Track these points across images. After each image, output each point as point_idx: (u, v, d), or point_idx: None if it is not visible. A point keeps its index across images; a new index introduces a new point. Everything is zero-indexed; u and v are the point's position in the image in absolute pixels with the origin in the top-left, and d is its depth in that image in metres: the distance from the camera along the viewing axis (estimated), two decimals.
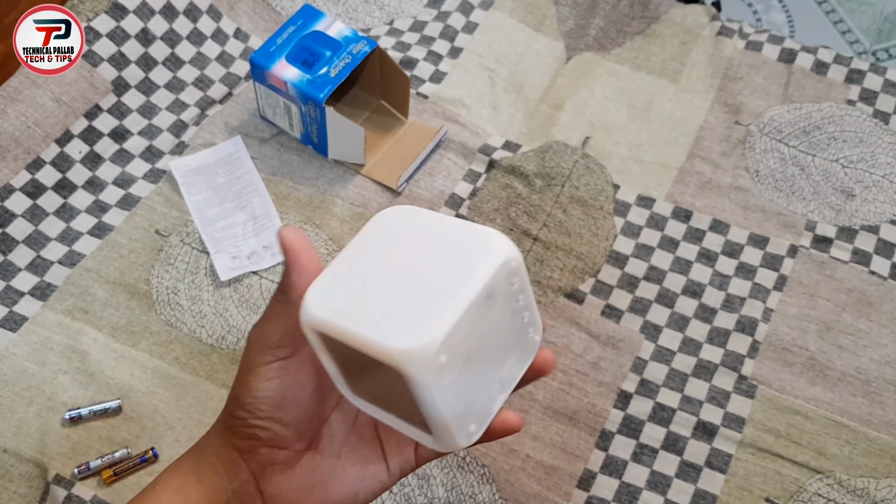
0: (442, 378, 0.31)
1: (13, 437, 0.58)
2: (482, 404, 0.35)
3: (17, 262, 0.66)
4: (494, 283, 0.32)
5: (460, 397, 0.33)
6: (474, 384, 0.34)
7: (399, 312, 0.31)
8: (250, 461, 0.37)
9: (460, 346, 0.32)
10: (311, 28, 0.71)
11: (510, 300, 0.34)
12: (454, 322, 0.31)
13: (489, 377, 0.35)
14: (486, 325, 0.33)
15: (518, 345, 0.36)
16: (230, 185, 0.71)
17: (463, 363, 0.32)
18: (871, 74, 0.80)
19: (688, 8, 0.85)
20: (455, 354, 0.31)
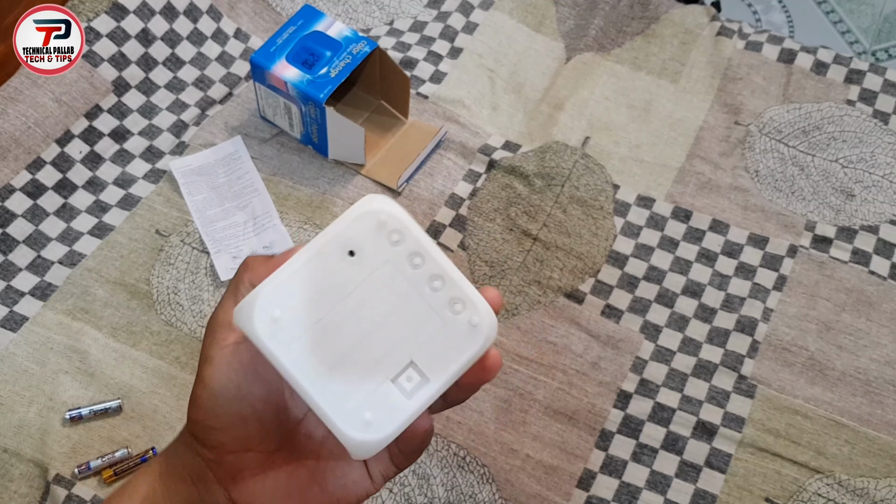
0: (282, 338, 0.29)
1: (14, 437, 0.58)
2: (387, 395, 0.31)
3: (17, 262, 0.66)
4: (350, 236, 0.30)
5: (331, 374, 0.30)
6: (358, 364, 0.31)
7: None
8: (217, 470, 0.34)
9: (308, 307, 0.30)
10: (311, 28, 0.71)
11: (401, 266, 0.31)
12: (285, 275, 0.29)
13: (390, 361, 0.31)
14: (360, 291, 0.31)
15: (443, 328, 0.31)
16: (230, 185, 0.71)
17: (322, 331, 0.30)
18: (870, 74, 0.80)
19: (687, 8, 0.85)
20: (300, 315, 0.30)
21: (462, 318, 0.32)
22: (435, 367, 0.31)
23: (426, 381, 0.31)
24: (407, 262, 0.31)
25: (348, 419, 0.30)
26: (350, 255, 0.31)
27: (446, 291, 0.31)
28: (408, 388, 0.31)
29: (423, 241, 0.31)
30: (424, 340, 0.31)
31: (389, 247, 0.31)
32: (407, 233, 0.31)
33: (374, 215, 0.30)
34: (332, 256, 0.30)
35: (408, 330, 0.31)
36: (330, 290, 0.30)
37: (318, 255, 0.30)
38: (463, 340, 0.32)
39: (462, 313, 0.32)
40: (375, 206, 0.31)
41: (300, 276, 0.30)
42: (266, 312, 0.30)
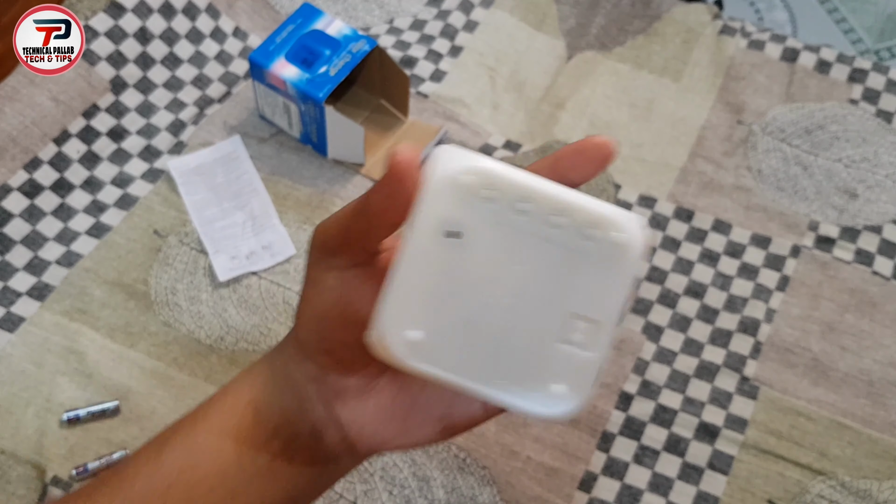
0: (431, 355, 0.27)
1: (10, 439, 0.58)
2: (564, 358, 0.28)
3: (14, 263, 0.66)
4: (441, 218, 0.27)
5: (498, 365, 0.28)
6: (519, 342, 0.28)
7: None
8: (319, 387, 0.33)
9: (438, 310, 0.27)
10: (310, 27, 0.70)
11: (511, 220, 0.27)
12: (397, 292, 0.27)
13: (549, 324, 0.28)
14: (482, 269, 0.27)
15: (585, 262, 0.28)
16: (229, 185, 0.71)
17: (465, 327, 0.27)
18: (873, 73, 0.79)
19: (690, 7, 0.85)
20: (434, 323, 0.27)
21: (601, 241, 0.28)
22: (597, 304, 0.28)
23: (596, 323, 0.28)
24: (515, 214, 0.27)
25: (542, 402, 0.28)
26: (453, 237, 0.27)
27: (572, 222, 0.27)
28: (581, 340, 0.28)
29: (519, 181, 0.27)
30: (573, 285, 0.28)
31: (488, 206, 0.27)
32: (498, 181, 0.27)
33: (452, 182, 0.26)
34: (433, 248, 0.27)
35: (550, 283, 0.28)
36: (451, 283, 0.27)
37: (419, 254, 0.27)
38: (613, 263, 0.28)
39: (599, 237, 0.28)
40: (449, 170, 0.27)
41: (412, 284, 0.27)
42: (400, 339, 0.27)
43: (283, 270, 0.66)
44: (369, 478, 0.58)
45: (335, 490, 0.57)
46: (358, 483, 0.58)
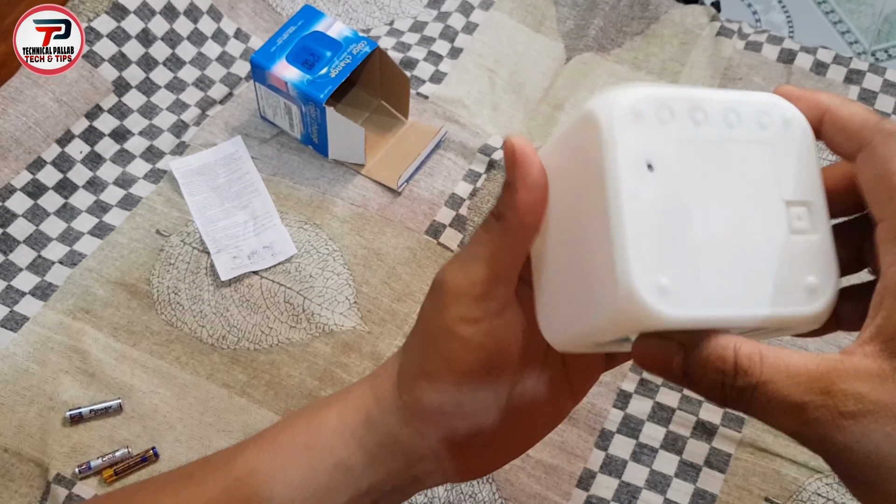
0: (683, 299, 0.25)
1: (14, 437, 0.58)
2: (791, 251, 0.26)
3: (17, 262, 0.66)
4: (629, 155, 0.25)
5: (746, 283, 0.26)
6: (757, 250, 0.26)
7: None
8: (431, 437, 0.31)
9: (670, 248, 0.25)
10: (311, 28, 0.71)
11: (694, 135, 0.26)
12: (623, 239, 0.24)
13: (774, 222, 0.26)
14: (692, 193, 0.26)
15: (769, 150, 0.27)
16: (231, 185, 0.71)
17: (700, 256, 0.25)
18: (870, 75, 0.80)
19: (687, 8, 0.85)
20: (671, 263, 0.25)
21: (776, 124, 0.27)
22: (802, 186, 0.27)
23: (810, 204, 0.27)
24: (695, 126, 0.26)
25: (803, 303, 0.26)
26: (650, 169, 0.25)
27: (743, 116, 0.27)
28: (805, 226, 0.26)
29: (684, 95, 0.26)
30: (772, 175, 0.26)
31: (671, 127, 0.26)
32: (667, 101, 0.26)
33: (633, 116, 0.25)
34: (640, 186, 0.25)
35: (754, 182, 0.26)
36: (670, 215, 0.25)
37: (628, 197, 0.25)
38: (794, 140, 0.27)
39: (772, 121, 0.27)
40: (625, 105, 0.25)
41: (637, 230, 0.24)
42: (654, 289, 0.24)
43: (284, 270, 0.67)
44: None
45: None
46: None
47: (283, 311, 0.65)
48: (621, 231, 0.24)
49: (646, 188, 0.25)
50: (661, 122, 0.26)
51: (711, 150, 0.26)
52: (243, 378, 0.62)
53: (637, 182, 0.25)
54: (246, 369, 0.62)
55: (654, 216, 0.25)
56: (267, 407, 0.61)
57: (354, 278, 0.67)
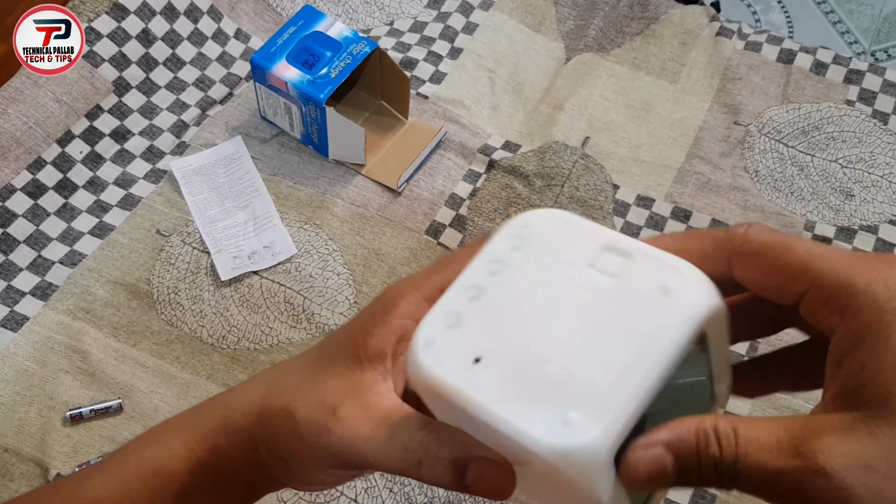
0: (447, 367, 0.25)
1: (14, 437, 0.58)
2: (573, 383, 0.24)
3: (18, 262, 0.66)
4: (494, 249, 0.27)
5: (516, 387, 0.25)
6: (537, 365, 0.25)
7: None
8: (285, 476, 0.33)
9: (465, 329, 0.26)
10: (311, 29, 0.71)
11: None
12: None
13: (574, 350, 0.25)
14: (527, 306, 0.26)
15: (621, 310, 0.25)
16: (231, 185, 0.71)
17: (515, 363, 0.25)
18: (869, 75, 0.80)
19: (687, 9, 0.85)
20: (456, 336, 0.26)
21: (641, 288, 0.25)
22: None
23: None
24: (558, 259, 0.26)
25: (551, 429, 0.23)
26: (497, 266, 0.26)
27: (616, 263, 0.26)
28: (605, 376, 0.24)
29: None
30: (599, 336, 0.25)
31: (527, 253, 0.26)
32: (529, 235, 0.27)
33: (512, 225, 0.27)
34: (479, 275, 0.26)
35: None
36: (486, 309, 0.26)
37: (465, 279, 0.27)
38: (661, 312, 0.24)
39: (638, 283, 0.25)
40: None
41: (451, 303, 0.26)
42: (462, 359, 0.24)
43: (284, 270, 0.67)
44: (369, 475, 0.58)
45: (335, 488, 0.58)
46: (358, 480, 0.58)
47: (283, 311, 0.65)
48: (436, 304, 0.27)
49: (482, 278, 0.26)
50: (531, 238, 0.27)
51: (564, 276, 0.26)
52: (243, 378, 0.62)
53: (478, 272, 0.27)
54: (246, 369, 0.62)
55: (473, 294, 0.26)
56: None
57: (354, 278, 0.67)
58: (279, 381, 0.33)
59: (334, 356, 0.31)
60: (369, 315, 0.30)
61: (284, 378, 0.33)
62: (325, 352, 0.32)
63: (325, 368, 0.31)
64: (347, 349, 0.30)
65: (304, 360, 0.33)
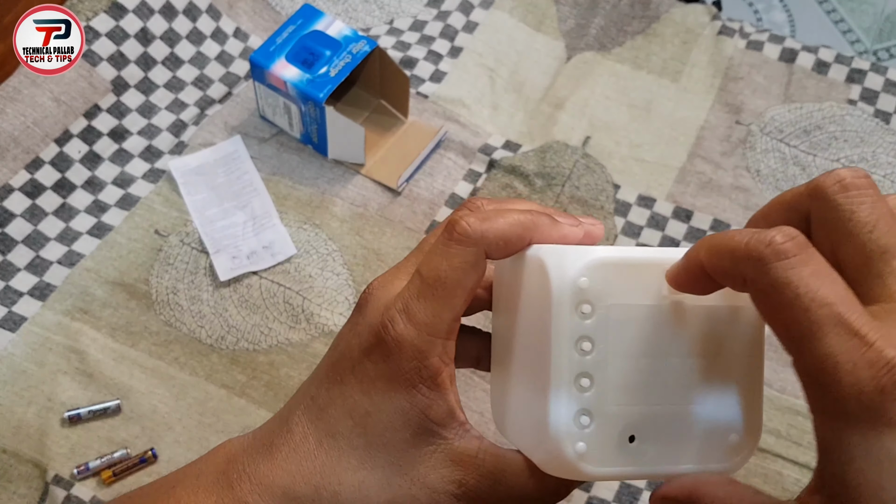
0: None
1: (12, 438, 0.58)
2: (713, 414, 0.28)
3: (15, 262, 0.66)
4: (569, 327, 0.27)
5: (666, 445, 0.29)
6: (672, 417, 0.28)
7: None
8: None
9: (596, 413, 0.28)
10: (310, 27, 0.70)
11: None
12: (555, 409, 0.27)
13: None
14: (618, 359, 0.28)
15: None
16: (230, 185, 0.71)
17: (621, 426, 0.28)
18: (872, 74, 0.80)
19: (688, 7, 0.85)
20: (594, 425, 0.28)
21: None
22: (739, 352, 0.28)
23: (742, 370, 0.29)
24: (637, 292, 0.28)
25: (722, 459, 0.29)
26: (587, 342, 0.27)
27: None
28: (734, 389, 0.28)
29: (641, 259, 0.27)
30: (710, 341, 0.28)
31: (609, 299, 0.27)
32: (621, 266, 0.27)
33: (574, 290, 0.27)
34: (572, 357, 0.27)
35: (689, 345, 0.28)
36: (604, 383, 0.27)
37: (563, 364, 0.27)
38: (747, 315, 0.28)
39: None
40: (567, 283, 0.27)
41: (566, 395, 0.26)
42: (572, 444, 0.26)
43: (283, 270, 0.66)
44: None
45: None
46: None
47: (282, 311, 0.65)
48: (554, 406, 0.26)
49: (579, 360, 0.27)
50: (602, 295, 0.27)
51: (651, 312, 0.27)
52: (242, 379, 0.62)
53: (571, 353, 0.26)
54: (245, 370, 0.62)
55: (585, 383, 0.27)
56: (266, 408, 0.61)
57: (354, 278, 0.67)
58: (340, 478, 0.27)
59: (396, 436, 0.27)
60: (409, 382, 0.27)
61: (341, 473, 0.27)
62: (373, 431, 0.27)
63: (402, 451, 0.27)
64: (412, 425, 0.27)
65: (347, 443, 0.27)
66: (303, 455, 0.27)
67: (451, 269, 0.27)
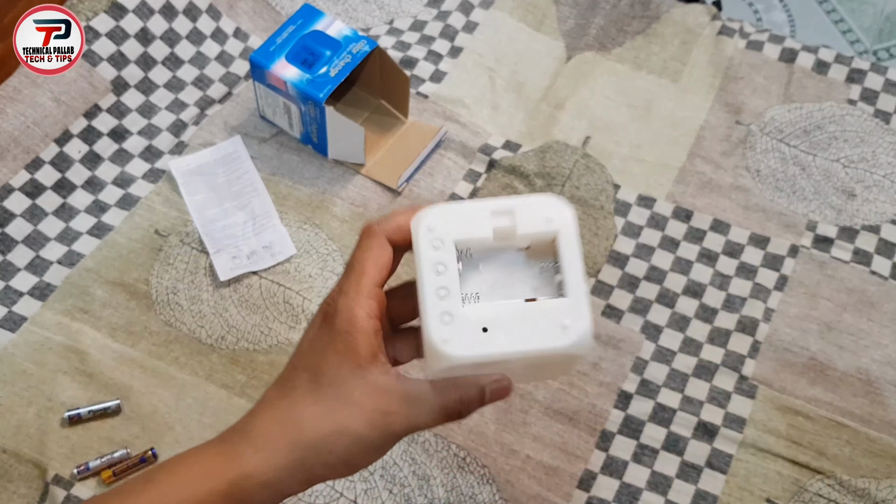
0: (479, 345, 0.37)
1: (12, 438, 0.58)
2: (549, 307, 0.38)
3: (16, 262, 0.66)
4: (431, 258, 0.38)
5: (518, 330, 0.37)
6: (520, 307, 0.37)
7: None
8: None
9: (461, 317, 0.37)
10: (310, 27, 0.70)
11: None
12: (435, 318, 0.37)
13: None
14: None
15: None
16: (230, 185, 0.71)
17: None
18: (871, 74, 0.80)
19: (688, 7, 0.85)
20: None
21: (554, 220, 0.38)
22: (567, 265, 0.38)
23: (566, 275, 0.37)
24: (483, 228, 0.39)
25: (557, 338, 0.37)
26: (444, 269, 0.38)
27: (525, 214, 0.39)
28: (563, 291, 0.37)
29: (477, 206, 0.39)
30: (543, 261, 0.38)
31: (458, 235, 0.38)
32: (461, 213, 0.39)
33: (429, 233, 0.38)
34: (435, 279, 0.37)
35: (527, 265, 0.39)
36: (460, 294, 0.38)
37: (428, 288, 0.37)
38: (567, 234, 0.38)
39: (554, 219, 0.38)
40: (423, 227, 0.38)
41: (434, 307, 0.37)
42: (442, 339, 0.36)
43: (283, 270, 0.66)
44: (369, 476, 0.58)
45: (335, 489, 0.58)
46: (358, 482, 0.58)
47: (282, 311, 0.65)
48: (426, 313, 0.36)
49: (440, 279, 0.37)
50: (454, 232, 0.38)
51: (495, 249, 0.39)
52: (242, 379, 0.62)
53: (431, 276, 0.37)
54: (245, 370, 0.62)
55: (443, 293, 0.37)
56: None
57: None
58: (300, 415, 0.37)
59: (337, 375, 0.37)
60: (341, 334, 0.37)
61: (301, 411, 0.37)
62: (322, 376, 0.37)
63: (341, 386, 0.37)
64: (347, 365, 0.37)
65: (303, 390, 0.37)
66: (273, 408, 0.38)
67: (362, 253, 0.38)
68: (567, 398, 0.62)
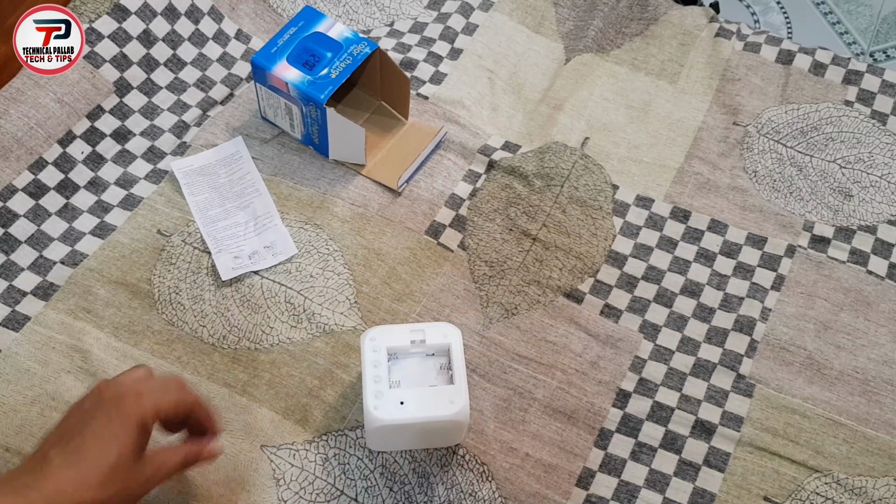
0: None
1: (15, 436, 0.58)
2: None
3: (19, 262, 0.67)
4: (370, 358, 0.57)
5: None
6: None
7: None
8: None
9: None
10: (312, 29, 0.71)
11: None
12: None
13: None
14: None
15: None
16: (231, 186, 0.72)
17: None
18: (868, 75, 0.80)
19: (686, 9, 0.85)
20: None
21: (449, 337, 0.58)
22: (453, 363, 0.57)
23: (454, 372, 0.57)
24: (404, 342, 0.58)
25: (446, 410, 0.55)
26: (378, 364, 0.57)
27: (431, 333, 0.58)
28: (452, 381, 0.57)
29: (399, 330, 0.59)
30: (439, 361, 0.58)
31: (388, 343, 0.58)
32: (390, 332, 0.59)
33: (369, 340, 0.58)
34: (373, 371, 0.56)
35: (431, 364, 0.58)
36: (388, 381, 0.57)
37: (368, 376, 0.56)
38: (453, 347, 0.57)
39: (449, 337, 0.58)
40: (367, 338, 0.58)
41: (371, 388, 0.56)
42: (375, 409, 0.55)
43: (284, 270, 0.67)
44: (370, 474, 0.59)
45: (336, 487, 0.58)
46: (359, 480, 0.58)
47: (283, 310, 0.65)
48: (366, 392, 0.55)
49: (376, 371, 0.56)
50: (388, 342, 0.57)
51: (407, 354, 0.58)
52: (244, 377, 0.62)
53: (370, 369, 0.56)
54: (247, 369, 0.63)
55: (378, 379, 0.55)
56: (267, 406, 0.61)
57: (355, 278, 0.67)
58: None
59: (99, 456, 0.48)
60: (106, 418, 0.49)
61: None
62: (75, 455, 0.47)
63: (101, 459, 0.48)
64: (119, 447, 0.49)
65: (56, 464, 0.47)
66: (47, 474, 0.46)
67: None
68: (566, 397, 0.63)
